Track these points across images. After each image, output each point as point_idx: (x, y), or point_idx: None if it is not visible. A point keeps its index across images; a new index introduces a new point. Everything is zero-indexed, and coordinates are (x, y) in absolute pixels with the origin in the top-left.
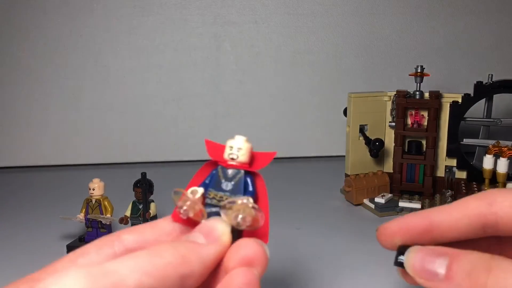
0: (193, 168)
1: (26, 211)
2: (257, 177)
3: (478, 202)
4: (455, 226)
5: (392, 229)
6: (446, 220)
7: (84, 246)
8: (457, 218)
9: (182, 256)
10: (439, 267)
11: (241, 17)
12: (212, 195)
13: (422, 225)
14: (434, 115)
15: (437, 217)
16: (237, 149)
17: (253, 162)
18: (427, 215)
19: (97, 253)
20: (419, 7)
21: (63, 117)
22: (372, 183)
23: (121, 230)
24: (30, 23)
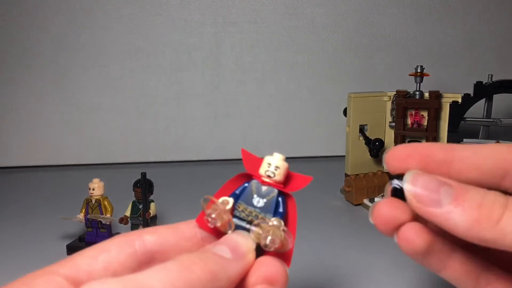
0: (193, 168)
1: (26, 211)
2: (290, 199)
3: (507, 148)
4: (478, 165)
5: (408, 151)
6: (471, 156)
7: (105, 242)
8: (482, 157)
9: (212, 272)
10: (444, 195)
11: (241, 17)
12: (242, 208)
13: (443, 154)
14: (434, 115)
15: (462, 152)
16: (275, 167)
17: (288, 182)
18: (452, 147)
19: (118, 251)
20: (419, 7)
21: (63, 117)
22: (372, 183)
23: (142, 229)
24: (29, 23)
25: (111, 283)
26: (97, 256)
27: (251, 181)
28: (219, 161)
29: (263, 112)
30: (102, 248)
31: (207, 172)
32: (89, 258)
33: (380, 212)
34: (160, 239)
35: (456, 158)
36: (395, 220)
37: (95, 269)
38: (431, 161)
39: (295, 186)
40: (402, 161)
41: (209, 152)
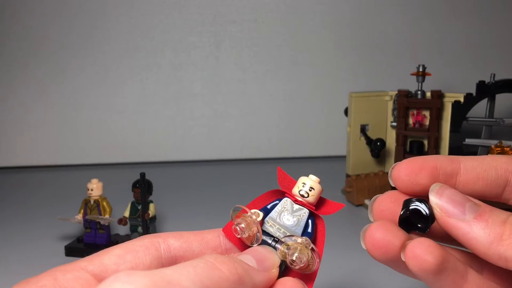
0: (193, 168)
1: (25, 212)
2: (320, 221)
3: (507, 159)
4: (483, 176)
5: (417, 166)
6: (476, 167)
7: (132, 242)
8: (487, 167)
9: (239, 275)
10: (469, 210)
11: (241, 16)
12: (270, 223)
13: (451, 167)
14: (436, 115)
15: (467, 162)
16: (309, 188)
17: (320, 206)
18: (456, 158)
19: (144, 253)
20: (421, 6)
21: (63, 117)
22: (373, 183)
23: (166, 233)
24: (29, 23)
25: (139, 274)
26: (124, 255)
27: (284, 198)
28: (219, 161)
29: (263, 112)
30: (129, 248)
31: (207, 172)
32: (116, 257)
33: (374, 237)
34: (185, 245)
35: (462, 170)
36: (391, 245)
37: (122, 268)
38: (440, 174)
39: (327, 211)
40: (412, 176)
41: (209, 152)
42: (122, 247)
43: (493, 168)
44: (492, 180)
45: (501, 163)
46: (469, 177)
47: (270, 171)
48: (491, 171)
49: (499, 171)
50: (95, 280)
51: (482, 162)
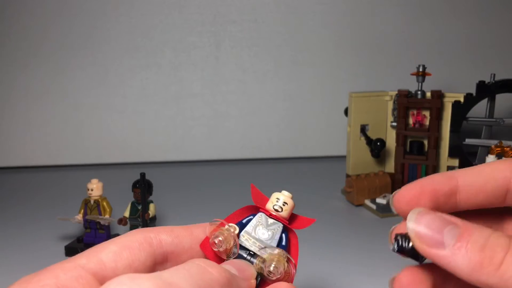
0: (193, 168)
1: (24, 212)
2: (293, 235)
3: (504, 165)
4: (483, 189)
5: (416, 191)
6: (475, 181)
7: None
8: (485, 179)
9: (228, 279)
10: (447, 236)
11: (241, 16)
12: (246, 237)
13: (449, 186)
14: (436, 115)
15: (464, 178)
16: (283, 203)
17: (292, 221)
18: (453, 175)
19: (139, 249)
20: (420, 6)
21: (63, 117)
22: (373, 183)
23: (157, 228)
24: (29, 23)
25: (142, 278)
26: (120, 252)
27: (258, 213)
28: (219, 161)
29: (263, 112)
30: (124, 244)
31: (207, 172)
32: (112, 253)
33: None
34: (176, 240)
35: (460, 186)
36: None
37: (119, 266)
38: (439, 195)
39: (299, 225)
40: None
41: (209, 152)
42: (117, 243)
43: (492, 179)
44: (493, 191)
45: (500, 172)
46: (469, 193)
47: (270, 171)
48: (490, 183)
49: (499, 181)
50: (95, 279)
51: (480, 174)
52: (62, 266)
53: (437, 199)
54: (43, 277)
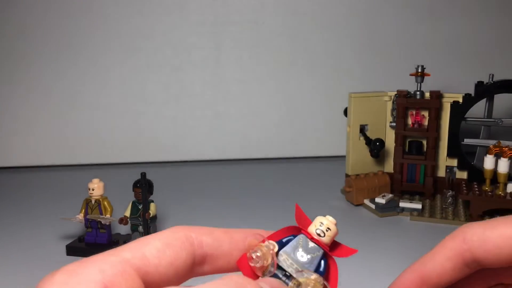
0: (193, 168)
1: (26, 211)
2: (333, 264)
3: (453, 241)
4: (443, 272)
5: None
6: (433, 268)
7: (166, 235)
8: (441, 263)
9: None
10: None
11: (241, 17)
12: (284, 257)
13: (415, 282)
14: (435, 115)
15: (424, 268)
16: (326, 228)
17: (333, 248)
18: (415, 268)
19: (181, 247)
20: (419, 7)
21: (63, 117)
22: (372, 183)
23: (198, 227)
24: (29, 23)
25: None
26: (164, 250)
27: (299, 234)
28: (219, 161)
29: (263, 112)
30: (167, 242)
31: (207, 172)
32: (156, 250)
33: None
34: (216, 243)
35: (425, 277)
36: None
37: (162, 263)
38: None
39: (341, 254)
40: None
41: (209, 152)
42: (161, 240)
43: (448, 260)
44: (452, 271)
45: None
46: (433, 280)
47: (270, 171)
48: (447, 264)
49: (453, 260)
50: (138, 275)
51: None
52: (107, 260)
53: None
54: (88, 271)
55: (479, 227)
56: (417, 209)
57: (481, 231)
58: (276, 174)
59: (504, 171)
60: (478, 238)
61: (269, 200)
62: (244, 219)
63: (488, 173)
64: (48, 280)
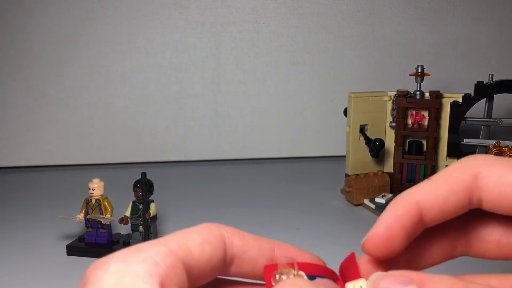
0: (193, 168)
1: (26, 211)
2: None
3: (462, 174)
4: (445, 208)
5: (385, 235)
6: (435, 201)
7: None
8: (445, 197)
9: None
10: None
11: (241, 17)
12: None
13: (414, 218)
14: (435, 115)
15: (426, 202)
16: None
17: None
18: (414, 201)
19: (217, 246)
20: (419, 7)
21: (63, 117)
22: (372, 183)
23: (229, 228)
24: (30, 23)
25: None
26: (204, 246)
27: (333, 283)
28: (219, 161)
29: (263, 112)
30: (207, 238)
31: (207, 172)
32: (198, 246)
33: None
34: (245, 247)
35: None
36: None
37: (204, 258)
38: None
39: None
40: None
41: (209, 152)
42: (200, 235)
43: (453, 194)
44: (454, 207)
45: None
46: (432, 215)
47: (270, 171)
48: (451, 199)
49: (459, 196)
50: (184, 269)
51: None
52: (159, 251)
53: (406, 234)
54: (141, 259)
55: (499, 167)
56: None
57: (501, 173)
58: (276, 174)
59: None
60: (497, 180)
61: (269, 200)
62: (244, 219)
63: None
64: (101, 268)
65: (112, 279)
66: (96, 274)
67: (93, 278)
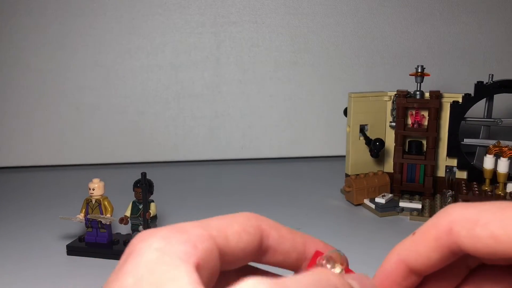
0: (193, 168)
1: (26, 211)
2: None
3: (437, 230)
4: (430, 263)
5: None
6: (418, 259)
7: (241, 220)
8: (426, 254)
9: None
10: None
11: (241, 17)
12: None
13: (401, 270)
14: (435, 115)
15: (408, 257)
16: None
17: None
18: (400, 255)
19: (254, 235)
20: (419, 7)
21: (63, 117)
22: (372, 183)
23: (268, 220)
24: (30, 23)
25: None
26: (241, 235)
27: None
28: (219, 161)
29: (263, 112)
30: (245, 227)
31: (207, 172)
32: (235, 234)
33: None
34: (280, 240)
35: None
36: None
37: (239, 246)
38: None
39: None
40: None
41: (209, 152)
42: (239, 224)
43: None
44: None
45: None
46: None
47: (270, 171)
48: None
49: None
50: (219, 255)
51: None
52: (198, 233)
53: (400, 285)
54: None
55: (468, 222)
56: (417, 209)
57: (470, 227)
58: (276, 174)
59: (503, 171)
60: (467, 235)
61: (269, 200)
62: None
63: (488, 173)
64: (146, 241)
65: (153, 255)
66: (140, 247)
67: (137, 250)
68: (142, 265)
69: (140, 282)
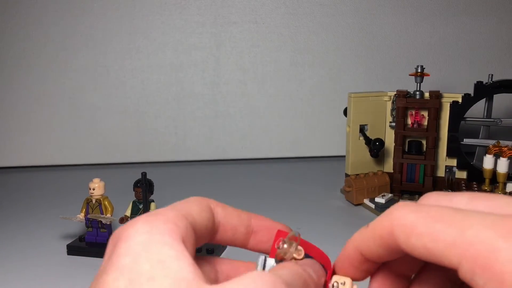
0: (193, 168)
1: (27, 211)
2: None
3: (382, 229)
4: (378, 255)
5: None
6: (368, 250)
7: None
8: (374, 247)
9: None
10: None
11: (241, 17)
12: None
13: (359, 256)
14: (435, 115)
15: (361, 248)
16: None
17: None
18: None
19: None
20: (419, 7)
21: (63, 117)
22: (372, 183)
23: (214, 202)
24: (30, 23)
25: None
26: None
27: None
28: (219, 161)
29: (263, 112)
30: (202, 207)
31: (207, 172)
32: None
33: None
34: (228, 216)
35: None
36: None
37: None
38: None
39: None
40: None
41: (209, 152)
42: (198, 205)
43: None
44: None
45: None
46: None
47: (270, 171)
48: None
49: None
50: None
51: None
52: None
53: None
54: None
55: (406, 228)
56: None
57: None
58: (276, 174)
59: (503, 171)
60: (405, 241)
61: (269, 200)
62: None
63: (488, 172)
64: (132, 227)
65: (143, 237)
66: (127, 233)
67: (125, 236)
68: (136, 245)
69: (138, 260)
